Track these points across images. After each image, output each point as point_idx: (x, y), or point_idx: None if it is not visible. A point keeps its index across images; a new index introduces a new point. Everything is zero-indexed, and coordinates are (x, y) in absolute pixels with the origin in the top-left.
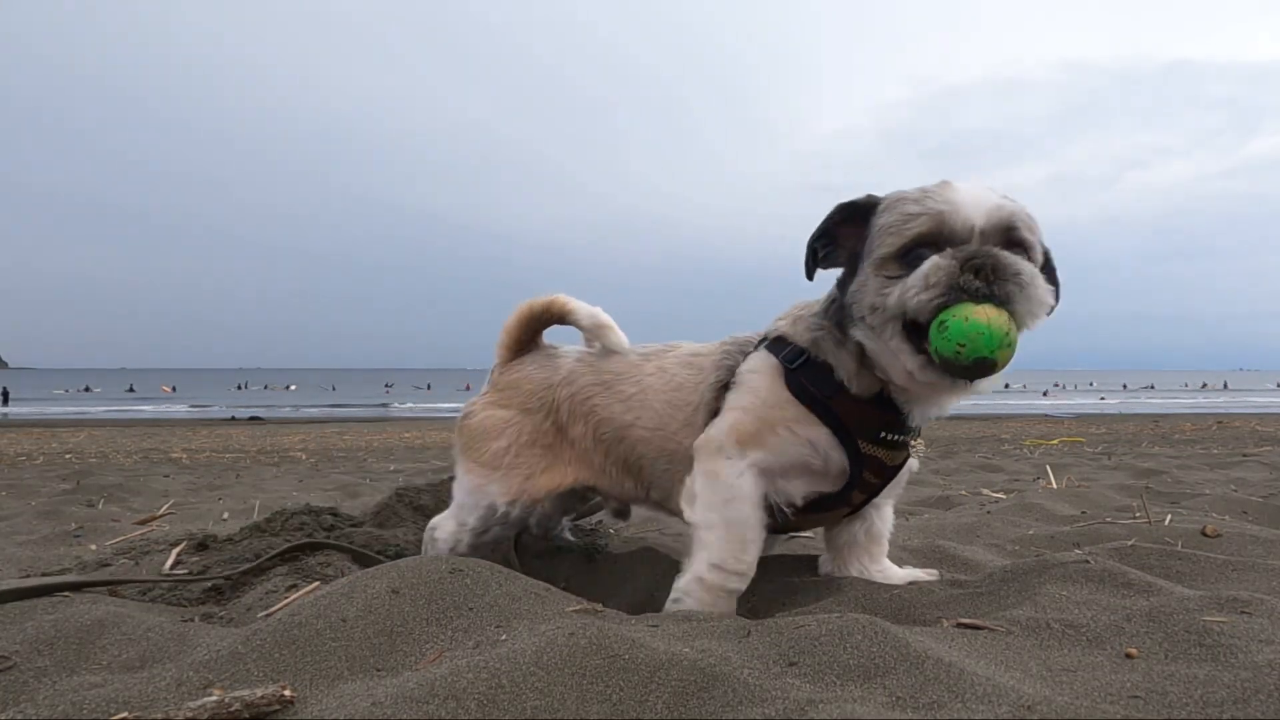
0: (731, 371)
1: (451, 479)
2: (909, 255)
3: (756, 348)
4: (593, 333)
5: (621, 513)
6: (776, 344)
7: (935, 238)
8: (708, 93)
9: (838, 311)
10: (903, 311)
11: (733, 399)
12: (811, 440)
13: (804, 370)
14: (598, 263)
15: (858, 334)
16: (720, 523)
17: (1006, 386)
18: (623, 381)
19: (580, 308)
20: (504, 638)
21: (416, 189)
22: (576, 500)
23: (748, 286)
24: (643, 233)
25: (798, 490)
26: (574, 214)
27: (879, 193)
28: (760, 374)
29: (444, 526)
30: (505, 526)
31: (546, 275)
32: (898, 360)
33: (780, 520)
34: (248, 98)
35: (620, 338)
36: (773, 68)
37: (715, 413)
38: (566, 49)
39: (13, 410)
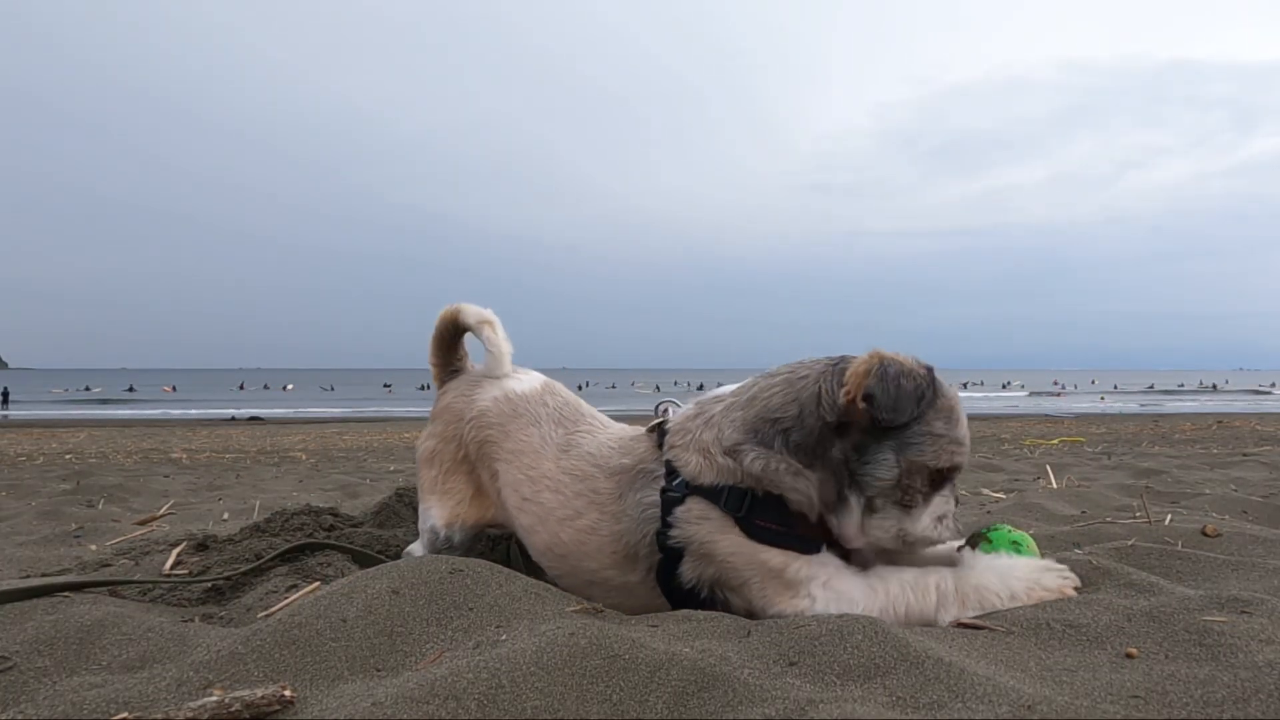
0: (657, 519)
1: None
2: (937, 479)
3: (674, 486)
4: (477, 330)
5: None
6: (705, 490)
7: (951, 476)
8: (708, 92)
9: (805, 443)
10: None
11: (709, 571)
12: (818, 568)
13: (755, 512)
14: (609, 261)
15: (852, 495)
16: (879, 606)
17: (1005, 386)
18: (523, 463)
19: (468, 308)
20: (504, 638)
21: (423, 187)
22: None
23: (752, 283)
24: (653, 230)
25: None
26: (584, 212)
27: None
28: (718, 539)
29: (414, 551)
30: (451, 550)
31: (553, 274)
32: (872, 535)
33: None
34: (256, 93)
35: (498, 340)
36: (775, 66)
37: (657, 560)
38: (580, 44)
39: (13, 410)
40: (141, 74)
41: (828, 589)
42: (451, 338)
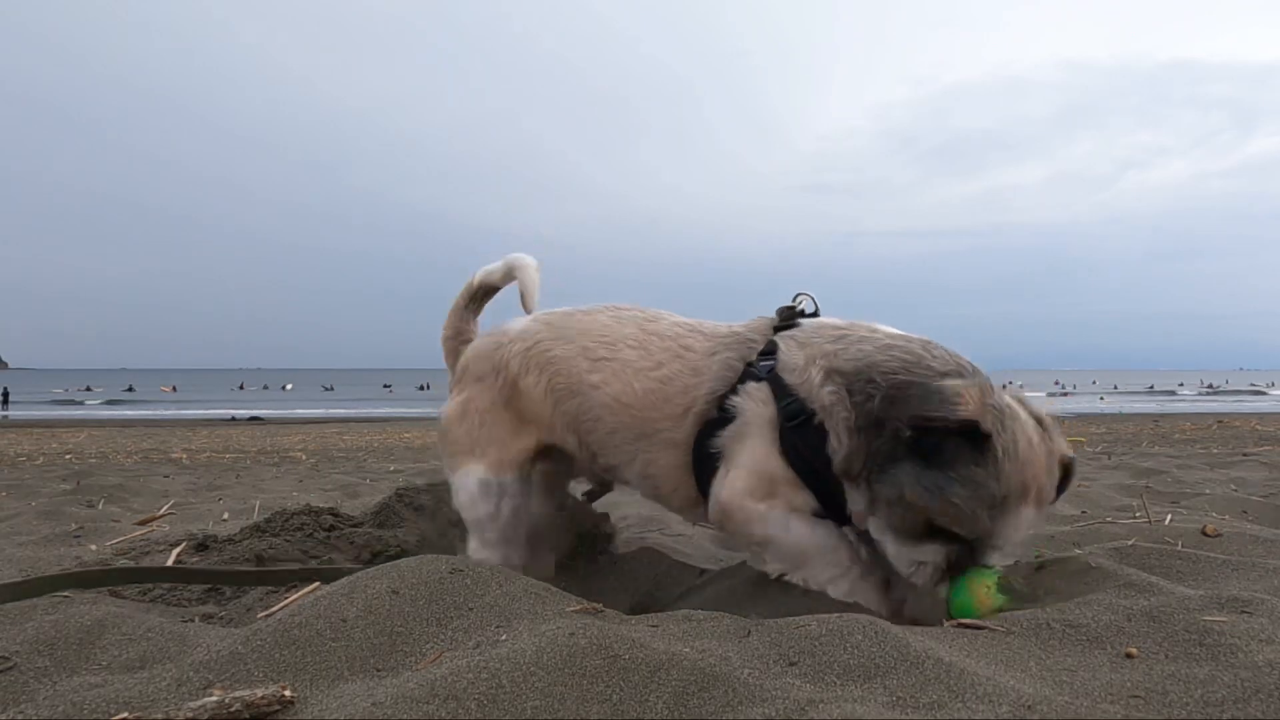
0: (730, 383)
1: None
2: (935, 531)
3: (759, 365)
4: (518, 268)
5: (593, 494)
6: (779, 386)
7: (956, 540)
8: (708, 92)
9: (873, 403)
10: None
11: (732, 444)
12: (803, 503)
13: (800, 432)
14: (603, 260)
15: (862, 486)
16: (791, 565)
17: (1005, 386)
18: (590, 338)
19: (493, 266)
20: (504, 638)
21: (421, 185)
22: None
23: (751, 283)
24: (651, 229)
25: None
26: (582, 212)
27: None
28: (757, 427)
29: (470, 545)
30: (510, 496)
31: (551, 275)
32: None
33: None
34: (255, 93)
35: (531, 266)
36: (775, 67)
37: (707, 420)
38: (578, 44)
39: (13, 410)
40: (140, 74)
41: (787, 515)
42: (476, 300)
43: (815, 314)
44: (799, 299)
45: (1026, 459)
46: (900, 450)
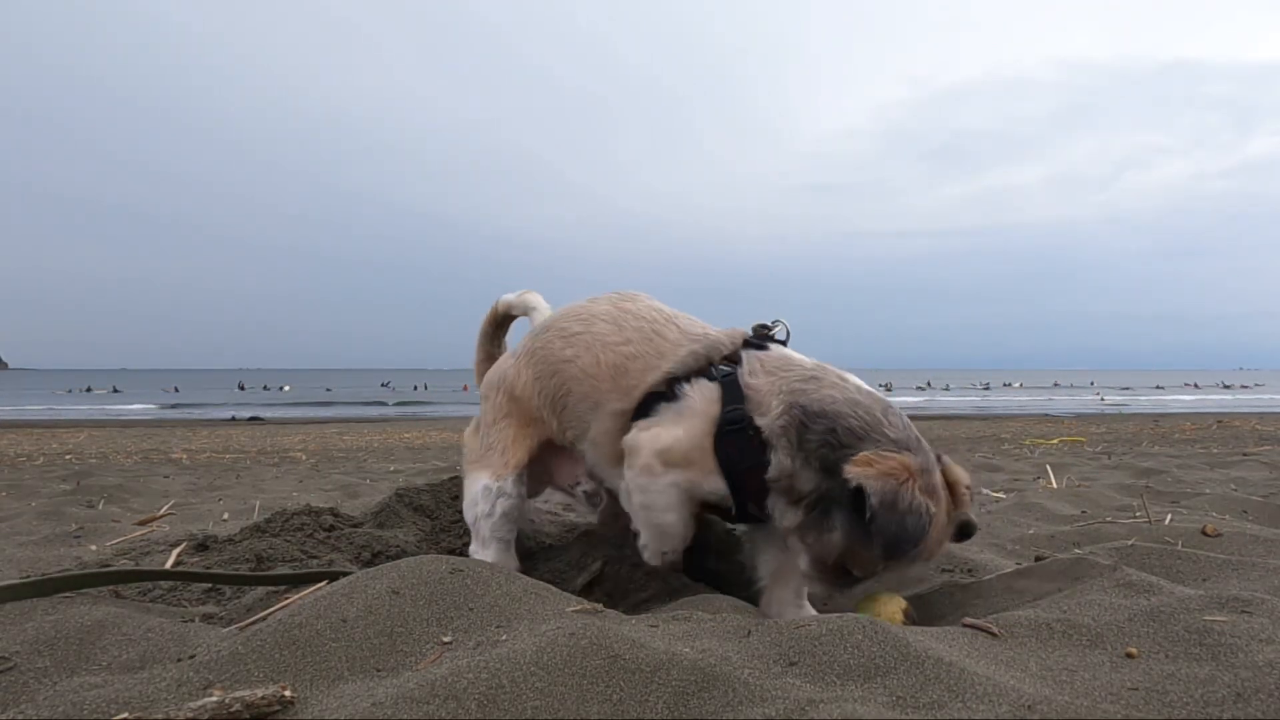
0: (688, 370)
1: (452, 478)
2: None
3: (718, 368)
4: (524, 303)
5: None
6: (731, 393)
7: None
8: (706, 94)
9: (831, 453)
10: None
11: (669, 413)
12: (713, 487)
13: (735, 437)
14: (596, 264)
15: (790, 509)
16: (647, 523)
17: (1006, 385)
18: (567, 318)
19: (507, 296)
20: (504, 638)
21: (412, 189)
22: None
23: (748, 286)
24: (641, 234)
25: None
26: (572, 215)
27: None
28: (699, 413)
29: (472, 546)
30: (505, 498)
31: (543, 276)
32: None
33: None
34: (246, 98)
35: (539, 299)
36: (771, 68)
37: (653, 392)
38: (564, 50)
39: (13, 410)
40: (137, 82)
41: (680, 494)
42: (499, 326)
43: (785, 342)
44: (775, 324)
45: (933, 535)
46: (843, 498)
